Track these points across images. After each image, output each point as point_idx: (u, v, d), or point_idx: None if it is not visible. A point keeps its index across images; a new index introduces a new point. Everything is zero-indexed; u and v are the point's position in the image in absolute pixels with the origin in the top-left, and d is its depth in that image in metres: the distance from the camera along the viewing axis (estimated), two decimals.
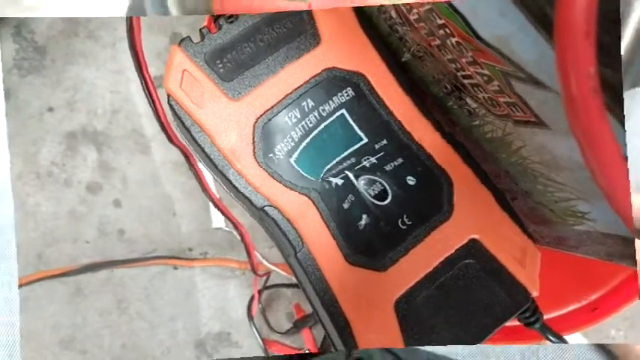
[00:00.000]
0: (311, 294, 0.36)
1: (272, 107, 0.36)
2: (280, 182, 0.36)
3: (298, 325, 0.52)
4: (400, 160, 0.37)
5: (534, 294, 0.35)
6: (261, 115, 0.36)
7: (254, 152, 0.36)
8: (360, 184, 0.37)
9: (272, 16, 0.36)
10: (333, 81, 0.37)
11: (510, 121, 0.33)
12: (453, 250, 0.36)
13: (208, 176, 0.39)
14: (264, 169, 0.36)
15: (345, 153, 0.38)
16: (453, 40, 0.32)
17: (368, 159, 0.38)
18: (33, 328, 0.43)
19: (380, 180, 0.37)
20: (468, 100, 0.36)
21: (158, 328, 0.48)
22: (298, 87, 0.37)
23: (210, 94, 0.35)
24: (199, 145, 0.36)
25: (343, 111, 0.37)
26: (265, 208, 0.36)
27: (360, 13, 0.38)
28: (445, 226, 0.36)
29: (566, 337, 0.38)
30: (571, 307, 0.46)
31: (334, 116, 0.37)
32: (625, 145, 0.24)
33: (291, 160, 0.37)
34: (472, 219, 0.36)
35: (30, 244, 0.44)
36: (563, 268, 0.43)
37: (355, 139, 0.38)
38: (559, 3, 0.20)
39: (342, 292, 0.35)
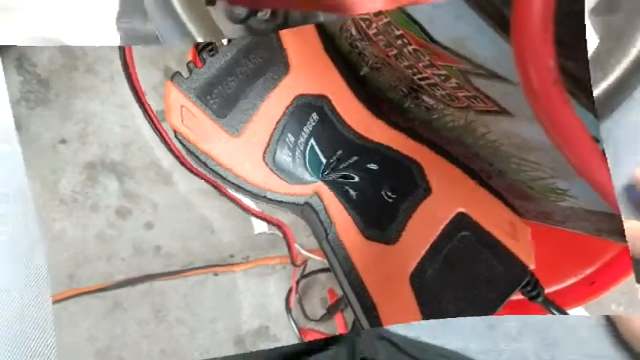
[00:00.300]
0: (340, 275, 0.35)
1: (268, 144, 0.34)
2: (311, 182, 0.35)
3: (331, 311, 0.48)
4: (355, 158, 0.36)
5: (531, 267, 0.33)
6: (264, 151, 0.34)
7: (284, 180, 0.34)
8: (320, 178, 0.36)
9: (247, 46, 0.33)
10: (302, 109, 0.35)
11: (472, 110, 0.31)
12: (445, 223, 0.33)
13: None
14: (299, 184, 0.35)
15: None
16: (410, 47, 0.29)
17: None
18: (68, 342, 0.38)
19: (337, 173, 0.36)
20: (425, 98, 0.34)
21: (198, 332, 0.42)
22: (279, 120, 0.34)
23: (212, 130, 0.33)
24: (224, 178, 0.34)
25: (312, 141, 0.35)
26: (308, 201, 0.35)
27: (324, 34, 0.35)
28: (429, 200, 0.34)
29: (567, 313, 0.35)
30: (569, 282, 0.41)
31: (308, 148, 0.35)
32: (596, 128, 0.22)
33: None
34: (453, 194, 0.34)
35: (60, 265, 0.39)
36: (556, 243, 0.39)
37: (318, 162, 0.36)
38: (516, 6, 0.18)
39: (365, 270, 0.34)
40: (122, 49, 0.32)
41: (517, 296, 0.33)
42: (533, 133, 0.27)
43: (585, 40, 0.20)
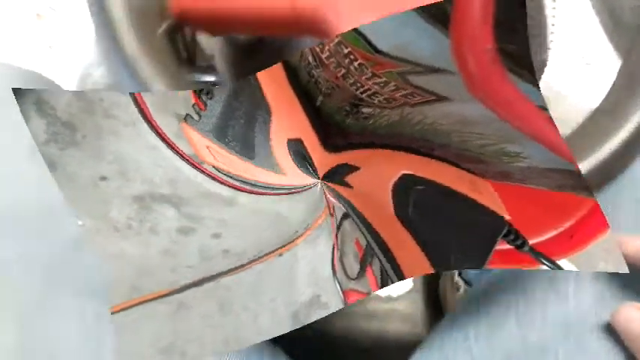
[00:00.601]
0: (355, 218, 0.31)
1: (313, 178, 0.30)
2: None
3: (362, 265, 0.39)
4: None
5: (505, 217, 0.29)
6: (321, 178, 0.30)
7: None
8: None
9: (234, 89, 0.29)
10: (297, 156, 0.30)
11: (407, 106, 0.29)
12: (393, 182, 0.29)
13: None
14: None
15: None
16: (356, 63, 0.28)
17: None
18: (131, 346, 0.32)
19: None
20: (364, 110, 0.31)
21: (260, 315, 0.35)
22: (295, 166, 0.30)
23: (253, 169, 0.29)
24: (290, 190, 0.30)
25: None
26: None
27: (289, 69, 0.31)
28: (360, 173, 0.30)
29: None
30: (550, 234, 0.33)
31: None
32: (542, 99, 0.21)
33: None
34: (388, 165, 0.30)
35: (122, 279, 0.32)
36: (529, 198, 0.32)
37: None
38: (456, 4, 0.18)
39: (363, 208, 0.30)
40: (133, 96, 0.29)
41: (505, 246, 0.29)
42: (473, 111, 0.25)
43: (525, 21, 0.18)
